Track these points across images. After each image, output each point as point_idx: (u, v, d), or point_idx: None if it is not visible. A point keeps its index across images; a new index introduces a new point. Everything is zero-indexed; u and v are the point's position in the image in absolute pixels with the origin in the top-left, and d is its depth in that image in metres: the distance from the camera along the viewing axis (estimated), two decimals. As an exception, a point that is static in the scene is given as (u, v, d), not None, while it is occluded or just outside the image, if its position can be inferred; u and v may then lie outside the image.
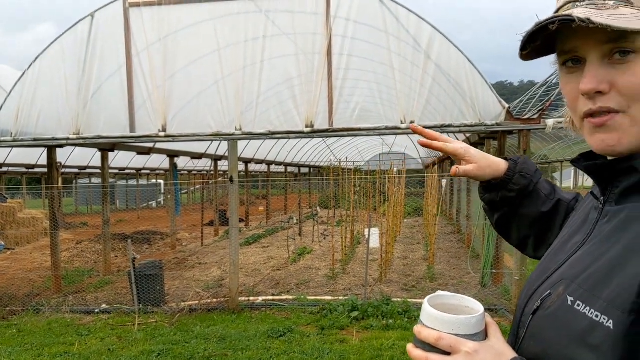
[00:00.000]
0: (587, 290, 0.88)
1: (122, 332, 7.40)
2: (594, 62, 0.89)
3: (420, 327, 0.95)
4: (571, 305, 0.89)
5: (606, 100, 0.89)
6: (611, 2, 0.88)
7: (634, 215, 0.89)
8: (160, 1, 8.42)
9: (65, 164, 18.96)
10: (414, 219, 21.39)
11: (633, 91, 0.87)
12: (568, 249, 1.02)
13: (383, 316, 7.50)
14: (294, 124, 8.27)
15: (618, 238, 0.89)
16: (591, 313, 0.85)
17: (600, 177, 0.98)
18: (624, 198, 0.94)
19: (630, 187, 0.92)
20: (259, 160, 21.89)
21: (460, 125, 7.98)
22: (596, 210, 1.00)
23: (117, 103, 8.75)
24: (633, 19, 0.85)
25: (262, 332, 7.00)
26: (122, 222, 22.13)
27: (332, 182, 13.82)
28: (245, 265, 11.59)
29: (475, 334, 0.93)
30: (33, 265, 12.65)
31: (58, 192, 10.16)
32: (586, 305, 0.86)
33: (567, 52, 0.93)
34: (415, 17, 7.95)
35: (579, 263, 0.95)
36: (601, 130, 0.91)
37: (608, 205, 0.97)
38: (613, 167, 0.94)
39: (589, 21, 0.82)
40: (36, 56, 8.87)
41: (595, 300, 0.85)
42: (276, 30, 8.31)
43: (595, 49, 0.89)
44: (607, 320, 0.82)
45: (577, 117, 0.96)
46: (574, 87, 0.93)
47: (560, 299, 0.92)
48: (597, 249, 0.92)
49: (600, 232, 0.95)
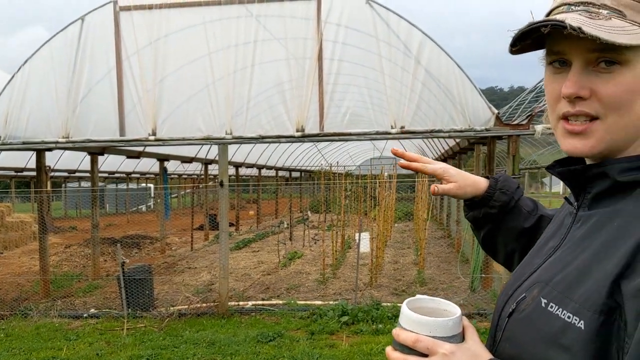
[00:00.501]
0: (560, 292, 0.90)
1: (110, 336, 7.35)
2: (578, 68, 0.91)
3: (398, 330, 0.97)
4: (544, 307, 0.91)
5: (585, 105, 0.91)
6: (605, 12, 0.89)
7: (603, 219, 0.93)
8: (151, 5, 8.41)
9: (55, 167, 18.83)
10: (404, 224, 21.43)
11: (613, 100, 0.89)
12: (543, 253, 1.05)
13: (373, 321, 7.51)
14: (285, 129, 8.28)
15: (590, 242, 0.92)
16: (563, 314, 0.87)
17: (573, 183, 1.00)
18: (596, 203, 0.96)
19: (601, 192, 0.95)
20: (250, 164, 21.85)
21: (450, 131, 8.02)
22: (570, 216, 1.03)
23: (107, 106, 8.72)
24: (623, 32, 0.86)
25: (252, 337, 6.98)
26: (111, 226, 22.02)
27: (323, 186, 13.82)
28: (235, 269, 11.56)
29: (453, 336, 0.95)
30: (21, 270, 12.54)
31: (47, 195, 10.10)
32: (559, 307, 0.89)
33: (555, 53, 0.95)
34: (406, 23, 7.99)
35: (553, 266, 0.97)
36: (576, 136, 0.94)
37: (581, 210, 0.99)
38: (585, 173, 0.97)
39: (580, 30, 0.84)
40: (25, 59, 8.83)
41: (567, 301, 0.88)
42: (267, 34, 8.32)
43: (582, 55, 0.91)
44: (578, 321, 0.85)
45: (554, 116, 0.98)
46: (556, 87, 0.96)
47: (535, 301, 0.94)
48: (570, 253, 0.95)
49: (574, 237, 0.98)
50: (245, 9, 8.27)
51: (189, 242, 15.83)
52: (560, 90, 0.94)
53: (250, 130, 8.37)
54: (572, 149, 0.95)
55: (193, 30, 8.46)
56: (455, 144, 13.57)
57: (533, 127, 7.78)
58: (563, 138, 0.97)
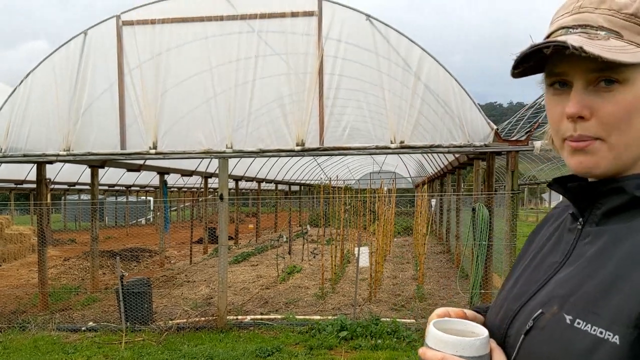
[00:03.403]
0: (585, 309, 0.89)
1: (109, 350, 7.32)
2: (579, 88, 0.94)
3: (425, 349, 0.97)
4: (570, 324, 0.90)
5: (586, 128, 0.94)
6: (602, 33, 0.92)
7: (620, 235, 0.92)
8: (154, 19, 8.48)
9: (55, 180, 18.86)
10: (403, 238, 21.41)
11: (613, 119, 0.92)
12: (545, 269, 1.04)
13: (372, 336, 7.48)
14: (285, 142, 8.31)
15: (609, 256, 0.92)
16: (594, 330, 0.86)
17: (581, 198, 1.01)
18: (606, 218, 0.97)
19: (614, 207, 0.96)
20: (250, 178, 21.88)
21: (449, 146, 8.06)
22: (572, 232, 1.03)
23: (109, 120, 8.76)
24: (622, 51, 0.89)
25: (250, 352, 6.96)
26: (110, 239, 21.98)
27: (322, 200, 13.83)
28: (234, 283, 11.54)
29: (479, 357, 0.95)
30: (20, 282, 12.52)
31: (46, 208, 10.11)
32: (587, 323, 0.88)
33: (556, 75, 0.97)
34: (406, 40, 8.06)
35: (568, 282, 0.96)
36: (581, 153, 0.95)
37: (588, 226, 1.00)
38: (597, 189, 0.97)
39: (582, 50, 0.86)
40: (28, 72, 8.88)
41: (595, 317, 0.87)
42: (268, 50, 8.39)
43: (583, 75, 0.93)
44: (612, 336, 0.84)
45: (558, 138, 1.00)
46: (558, 109, 0.98)
47: (556, 317, 0.93)
48: (587, 268, 0.94)
49: (583, 252, 0.97)
50: (246, 24, 8.34)
51: (188, 256, 15.81)
52: (562, 110, 0.96)
53: (250, 144, 8.40)
54: (578, 164, 0.97)
55: (195, 44, 8.53)
56: (454, 159, 13.60)
57: (532, 143, 7.81)
58: (570, 156, 0.98)
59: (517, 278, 1.11)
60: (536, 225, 1.23)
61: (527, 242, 1.20)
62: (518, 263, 1.17)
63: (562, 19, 0.99)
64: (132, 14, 8.60)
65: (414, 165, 27.76)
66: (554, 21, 1.01)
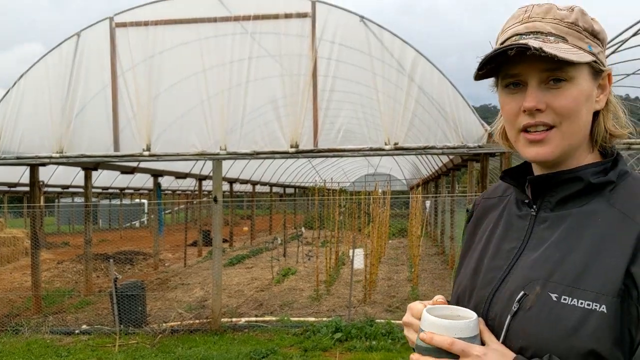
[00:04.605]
0: (569, 285, 1.01)
1: (102, 353, 7.29)
2: (534, 86, 1.07)
3: (429, 334, 1.02)
4: (557, 301, 1.01)
5: (543, 116, 1.07)
6: (552, 38, 1.06)
7: (581, 217, 1.07)
8: (147, 21, 8.47)
9: (48, 182, 18.77)
10: (398, 240, 21.42)
11: (565, 110, 1.07)
12: (505, 255, 1.15)
13: (366, 337, 7.48)
14: (279, 145, 8.30)
15: (578, 237, 1.05)
16: (581, 303, 0.98)
17: (539, 188, 1.13)
18: (562, 204, 1.11)
19: (570, 194, 1.10)
20: (244, 180, 21.84)
21: (443, 147, 8.07)
22: (524, 218, 1.16)
23: (102, 122, 8.73)
24: (570, 52, 1.04)
25: (245, 354, 6.94)
26: (104, 242, 21.89)
27: (317, 202, 13.83)
28: (228, 286, 11.51)
29: (474, 337, 1.02)
30: (13, 285, 12.44)
31: (40, 211, 10.06)
32: (573, 298, 0.99)
33: (512, 76, 1.10)
34: (400, 41, 8.07)
35: (543, 265, 1.06)
36: (537, 144, 1.09)
37: (542, 212, 1.13)
38: (557, 178, 1.11)
39: (541, 50, 1.00)
40: (20, 75, 8.85)
41: (580, 292, 0.99)
42: (262, 51, 8.39)
43: (537, 75, 1.07)
44: (599, 307, 0.97)
45: (514, 130, 1.13)
46: (514, 105, 1.10)
47: (541, 297, 1.03)
48: (558, 251, 1.06)
49: (545, 236, 1.10)
50: (240, 26, 8.33)
51: (182, 258, 15.76)
52: (518, 106, 1.09)
53: (244, 146, 8.39)
54: (535, 155, 1.10)
55: (188, 46, 8.52)
56: (448, 161, 13.64)
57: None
58: (525, 147, 1.11)
59: (476, 267, 1.20)
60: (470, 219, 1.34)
61: (469, 234, 1.32)
62: (466, 254, 1.28)
63: (514, 27, 1.11)
64: (125, 15, 8.58)
65: (409, 167, 27.80)
66: (506, 30, 1.13)
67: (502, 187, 1.31)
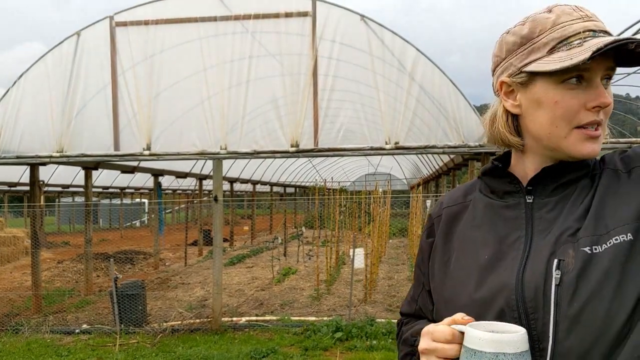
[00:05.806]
0: (593, 236, 1.04)
1: (102, 352, 7.28)
2: (601, 83, 1.09)
3: None
4: (592, 253, 1.02)
5: (601, 114, 1.10)
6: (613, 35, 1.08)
7: (584, 187, 1.12)
8: (147, 20, 8.45)
9: (48, 182, 18.76)
10: (398, 239, 21.41)
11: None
12: (514, 246, 1.12)
13: (367, 337, 7.47)
14: (279, 144, 8.29)
15: (583, 199, 1.10)
16: (609, 243, 1.01)
17: (546, 176, 1.15)
18: (561, 188, 1.14)
19: (571, 179, 1.13)
20: (244, 180, 21.83)
21: (444, 147, 8.05)
22: (516, 207, 1.17)
23: (102, 121, 8.72)
24: None
25: (245, 353, 6.93)
26: (104, 241, 21.90)
27: (317, 202, 13.81)
28: (228, 285, 11.50)
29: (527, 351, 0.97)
30: (13, 285, 12.44)
31: (40, 210, 10.04)
32: (602, 244, 1.02)
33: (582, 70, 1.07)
34: (400, 40, 8.05)
35: (562, 235, 1.07)
36: (594, 140, 1.10)
37: (539, 198, 1.14)
38: (571, 167, 1.13)
39: None
40: (20, 74, 8.84)
41: (605, 237, 1.03)
42: (262, 50, 8.37)
43: (600, 72, 1.08)
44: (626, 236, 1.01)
45: (569, 126, 1.10)
46: (575, 102, 1.08)
47: (578, 257, 1.03)
48: (569, 220, 1.08)
49: (551, 217, 1.11)
50: (240, 25, 8.32)
51: (182, 258, 15.75)
52: (579, 102, 1.08)
53: (245, 145, 8.37)
54: (591, 151, 1.10)
55: (188, 46, 8.50)
56: (449, 160, 13.61)
57: (526, 143, 7.81)
58: (580, 143, 1.10)
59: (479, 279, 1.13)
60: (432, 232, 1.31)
61: (441, 249, 1.26)
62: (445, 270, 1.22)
63: (577, 23, 1.08)
64: (126, 15, 8.57)
65: (409, 166, 27.79)
66: (565, 26, 1.08)
67: (459, 193, 1.31)
